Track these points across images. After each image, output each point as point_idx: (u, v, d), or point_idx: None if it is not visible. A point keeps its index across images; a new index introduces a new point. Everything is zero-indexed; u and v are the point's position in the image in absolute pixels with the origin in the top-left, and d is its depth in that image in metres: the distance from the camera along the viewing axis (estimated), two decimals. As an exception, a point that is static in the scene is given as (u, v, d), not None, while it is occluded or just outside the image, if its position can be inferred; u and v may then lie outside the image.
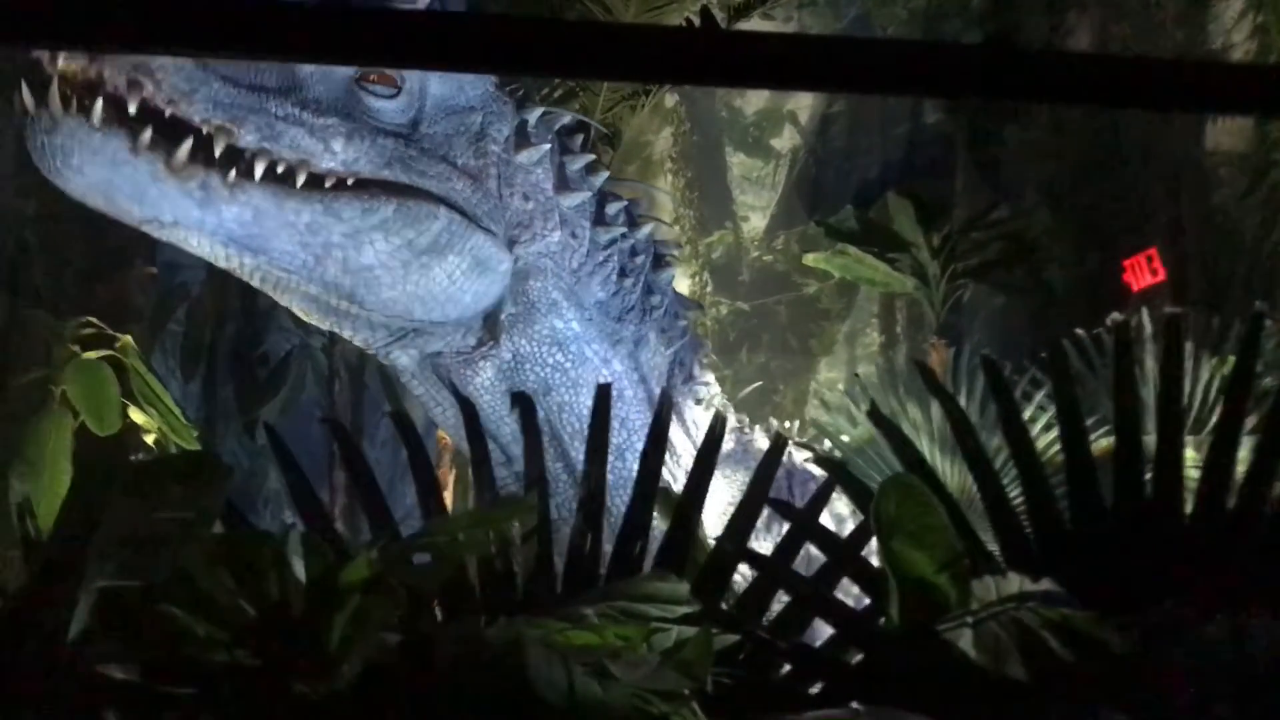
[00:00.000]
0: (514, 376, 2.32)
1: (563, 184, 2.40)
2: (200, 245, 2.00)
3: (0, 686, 1.09)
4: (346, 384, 6.26)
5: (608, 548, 1.54)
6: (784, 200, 7.31)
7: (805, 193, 7.22)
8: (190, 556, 1.06)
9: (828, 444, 3.65)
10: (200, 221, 1.94)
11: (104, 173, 1.83)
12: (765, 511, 1.62)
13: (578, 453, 2.31)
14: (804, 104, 7.36)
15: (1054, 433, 3.24)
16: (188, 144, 1.85)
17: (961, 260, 6.09)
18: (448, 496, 5.66)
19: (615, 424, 2.44)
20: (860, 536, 1.46)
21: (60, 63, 1.78)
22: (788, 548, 1.49)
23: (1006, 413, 1.48)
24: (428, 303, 2.19)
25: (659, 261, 2.63)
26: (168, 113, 1.80)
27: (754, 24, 5.69)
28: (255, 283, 2.11)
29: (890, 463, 3.69)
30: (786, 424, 3.69)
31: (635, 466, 2.39)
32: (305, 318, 2.26)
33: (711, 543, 1.61)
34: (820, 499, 1.54)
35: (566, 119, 2.47)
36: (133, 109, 1.77)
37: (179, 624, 1.06)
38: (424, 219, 2.11)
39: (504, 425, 2.33)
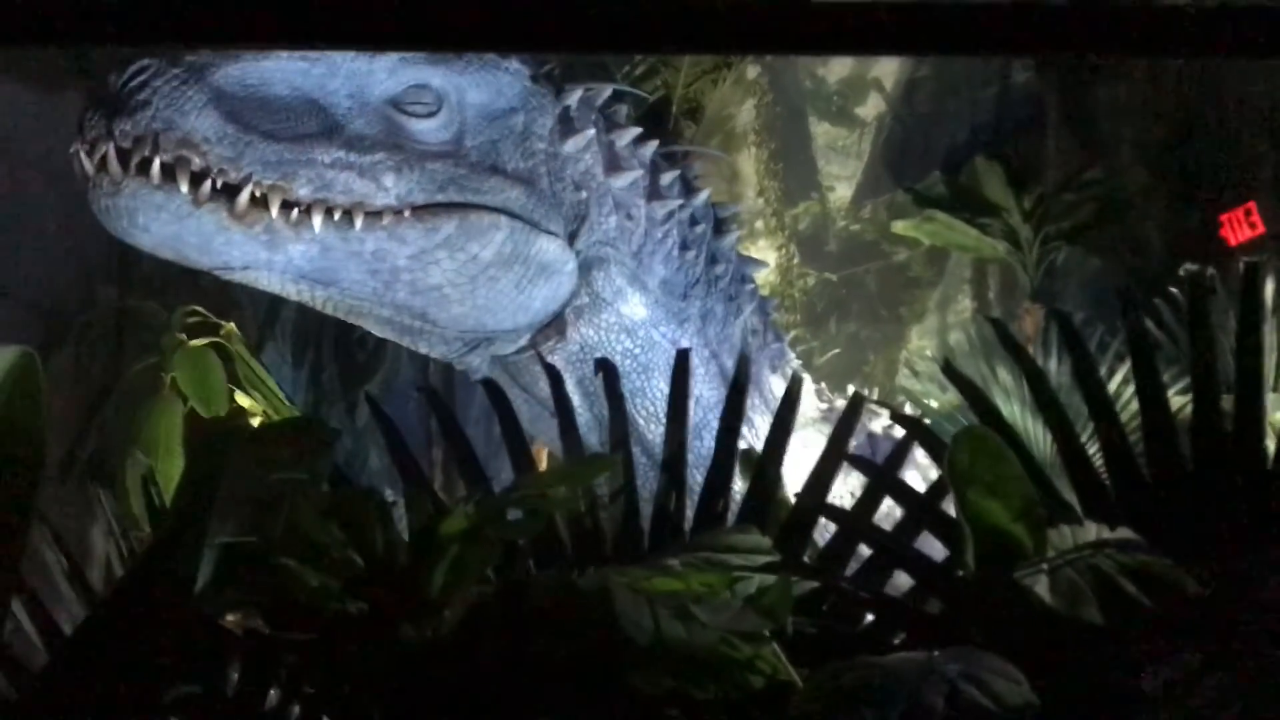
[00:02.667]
0: (583, 367, 2.32)
1: (613, 165, 2.38)
2: (271, 283, 2.05)
3: (133, 637, 1.19)
4: (441, 365, 6.41)
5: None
6: (870, 168, 7.24)
7: (892, 160, 7.13)
8: (302, 513, 1.15)
9: (912, 410, 3.65)
10: (269, 263, 1.99)
11: (170, 228, 1.89)
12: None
13: (655, 435, 2.33)
14: (888, 70, 7.27)
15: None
16: (246, 193, 1.90)
17: (1054, 223, 5.98)
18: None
19: (690, 404, 2.43)
20: (938, 490, 1.50)
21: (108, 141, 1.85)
22: (867, 502, 1.53)
23: (1080, 364, 1.50)
24: (498, 313, 2.20)
25: (720, 227, 2.61)
26: (218, 182, 1.86)
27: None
28: (328, 311, 2.17)
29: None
30: (869, 391, 3.69)
31: (712, 444, 2.43)
32: (380, 334, 2.30)
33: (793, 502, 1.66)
34: (899, 455, 1.58)
35: (607, 92, 2.44)
36: (184, 186, 1.84)
37: (293, 575, 1.15)
38: (486, 231, 2.12)
39: (578, 417, 2.23)
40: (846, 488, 2.26)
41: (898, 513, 1.63)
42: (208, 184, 1.87)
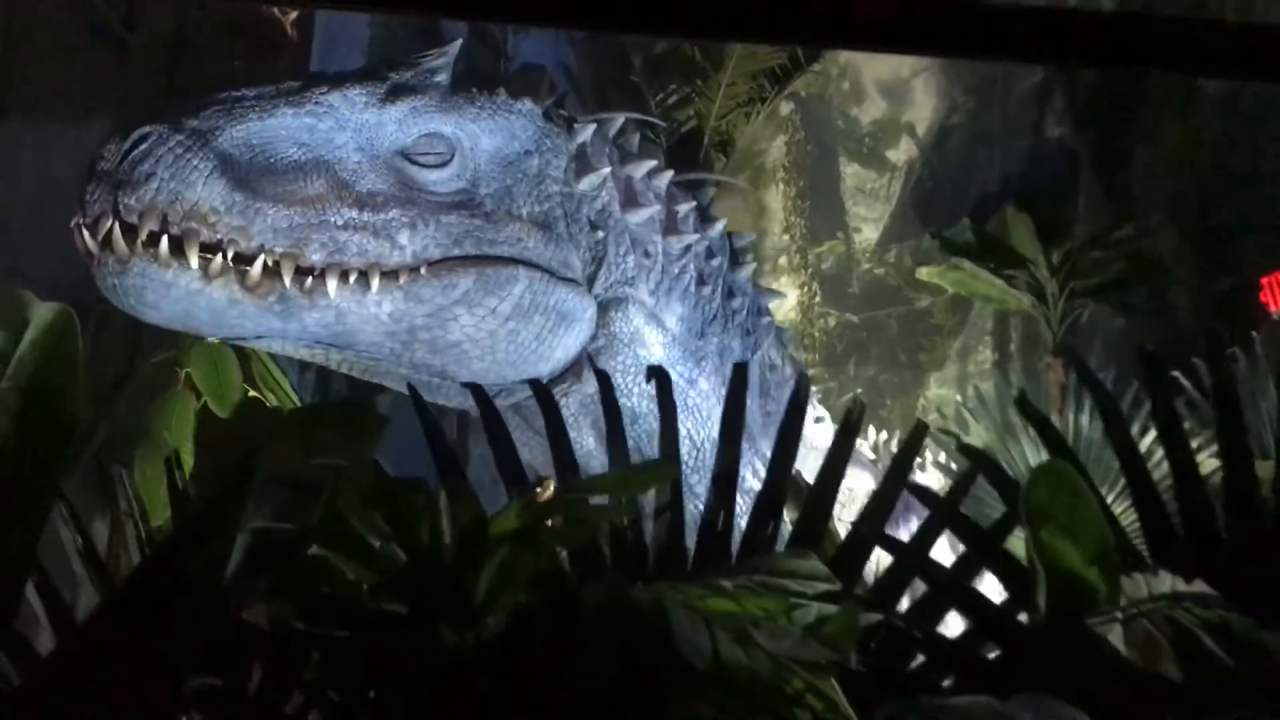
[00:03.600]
0: (599, 408, 2.17)
1: (629, 199, 2.32)
2: (286, 349, 1.98)
3: (153, 623, 1.12)
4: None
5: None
6: (898, 213, 7.20)
7: (920, 206, 7.10)
8: (345, 500, 1.07)
9: (935, 452, 3.58)
10: (283, 331, 1.91)
11: (181, 305, 1.80)
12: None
13: None
14: (922, 115, 7.25)
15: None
16: (259, 265, 1.81)
17: (1081, 279, 5.93)
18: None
19: (706, 446, 2.28)
20: (1003, 527, 1.43)
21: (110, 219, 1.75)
22: (926, 535, 1.46)
23: (1161, 414, 1.43)
24: (519, 365, 2.13)
25: (736, 258, 2.53)
26: (230, 253, 1.78)
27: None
28: (343, 370, 2.09)
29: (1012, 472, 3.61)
30: (889, 436, 3.63)
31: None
32: (397, 389, 2.19)
33: (839, 531, 1.59)
34: (960, 488, 1.51)
35: (619, 122, 2.37)
36: (194, 261, 1.76)
37: (330, 566, 1.08)
38: (505, 284, 2.03)
39: (592, 460, 2.24)
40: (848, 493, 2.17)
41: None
42: (219, 259, 1.78)
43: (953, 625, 1.49)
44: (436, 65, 2.06)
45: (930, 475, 3.05)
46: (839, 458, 1.48)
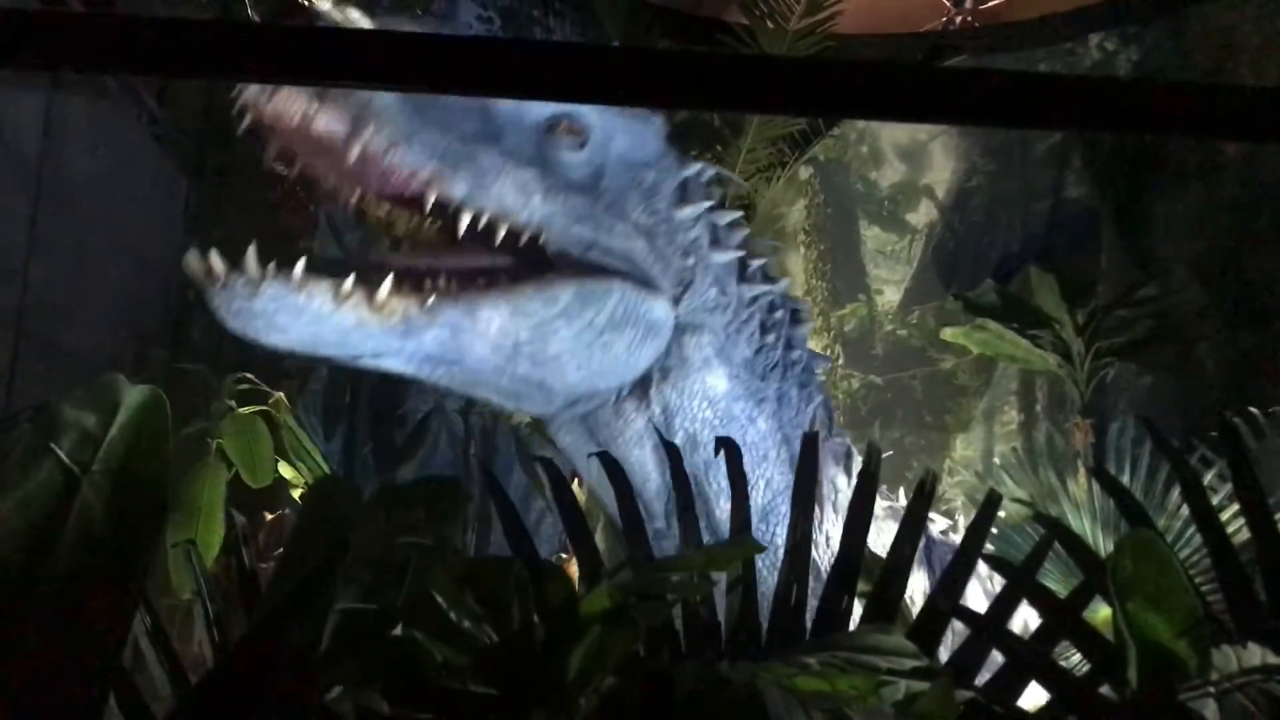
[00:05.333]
0: (663, 431, 2.31)
1: (715, 241, 2.41)
2: (396, 366, 2.00)
3: (247, 711, 1.10)
4: (480, 444, 6.37)
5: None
6: (919, 274, 7.22)
7: (941, 267, 7.12)
8: (434, 580, 1.06)
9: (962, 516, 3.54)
10: (400, 349, 1.94)
11: (310, 328, 1.80)
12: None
13: (722, 512, 2.30)
14: (940, 178, 7.30)
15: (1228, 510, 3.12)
16: (388, 282, 1.86)
17: (1106, 338, 5.92)
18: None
19: (761, 485, 2.42)
20: (1081, 597, 1.40)
21: (275, 115, 1.77)
22: (1003, 607, 1.43)
23: (1239, 475, 1.41)
24: (609, 375, 2.19)
25: (795, 317, 2.62)
26: (386, 160, 1.81)
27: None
28: (442, 385, 2.12)
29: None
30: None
31: (780, 530, 2.40)
32: (487, 399, 2.26)
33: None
34: (1037, 557, 1.48)
35: (711, 172, 2.47)
36: (354, 154, 1.78)
37: (419, 648, 1.07)
38: (600, 296, 2.09)
39: (649, 481, 2.33)
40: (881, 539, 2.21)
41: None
42: (350, 280, 1.82)
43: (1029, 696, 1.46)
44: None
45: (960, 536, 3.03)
46: (913, 531, 1.47)
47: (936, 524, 3.18)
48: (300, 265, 1.78)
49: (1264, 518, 1.41)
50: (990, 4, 7.33)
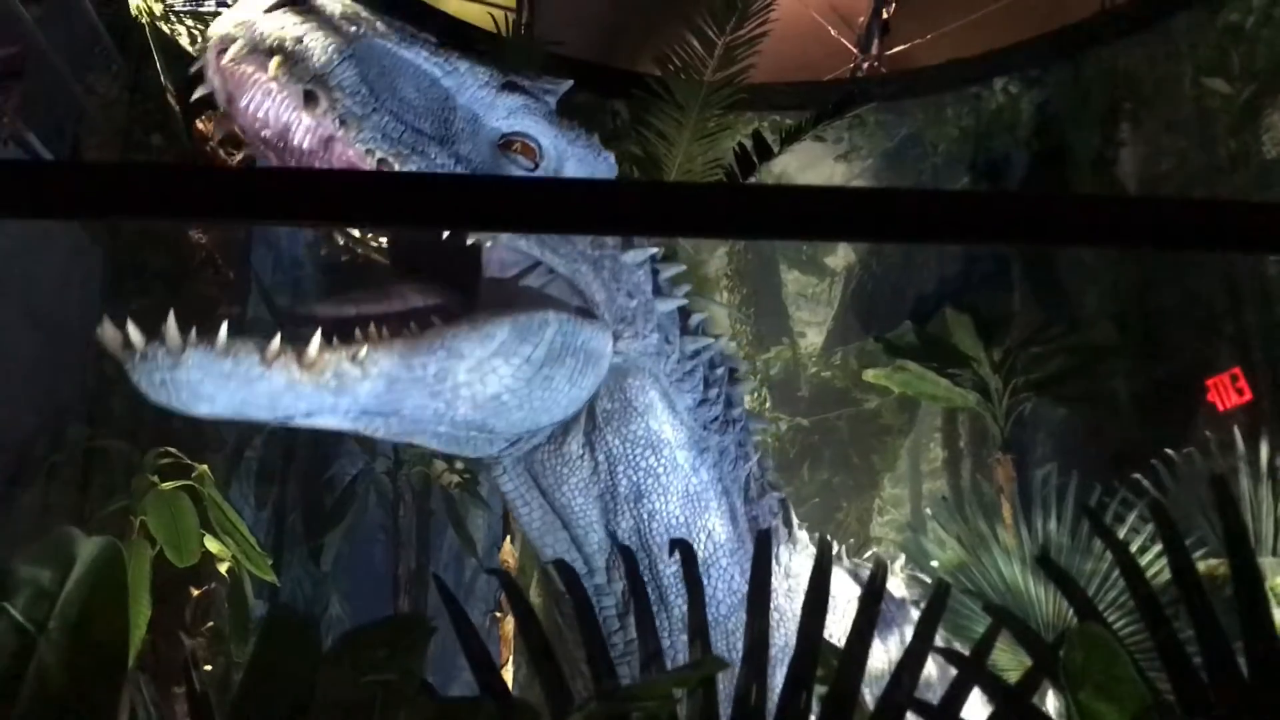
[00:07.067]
0: (606, 479, 2.28)
1: (658, 289, 2.43)
2: (332, 423, 1.95)
3: None
4: (411, 507, 6.28)
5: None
6: (840, 316, 7.34)
7: (861, 309, 7.25)
8: (404, 721, 1.05)
9: (910, 566, 3.60)
10: (335, 406, 1.88)
11: (239, 394, 1.74)
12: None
13: (665, 565, 2.29)
14: (856, 221, 7.44)
15: (1149, 555, 3.21)
16: (317, 337, 1.80)
17: (1023, 374, 6.07)
18: (509, 624, 5.60)
19: (702, 537, 2.42)
20: (1030, 683, 1.44)
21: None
22: (954, 696, 1.46)
23: (1176, 558, 1.45)
24: (553, 410, 2.17)
25: (733, 375, 2.63)
26: (339, 134, 1.82)
27: (806, 144, 5.80)
28: (385, 436, 2.08)
29: (981, 587, 3.65)
30: (850, 541, 3.66)
31: (720, 584, 2.40)
32: (431, 446, 2.21)
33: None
34: (986, 646, 1.52)
35: None
36: (323, 116, 1.81)
37: (390, 790, 1.05)
38: (537, 329, 2.06)
39: (591, 533, 2.31)
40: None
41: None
42: (276, 340, 1.76)
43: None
44: (552, 88, 2.22)
45: (895, 583, 3.07)
46: (865, 624, 1.49)
47: (894, 579, 3.20)
48: (224, 329, 1.71)
49: (1189, 574, 1.45)
50: (896, 50, 7.54)
